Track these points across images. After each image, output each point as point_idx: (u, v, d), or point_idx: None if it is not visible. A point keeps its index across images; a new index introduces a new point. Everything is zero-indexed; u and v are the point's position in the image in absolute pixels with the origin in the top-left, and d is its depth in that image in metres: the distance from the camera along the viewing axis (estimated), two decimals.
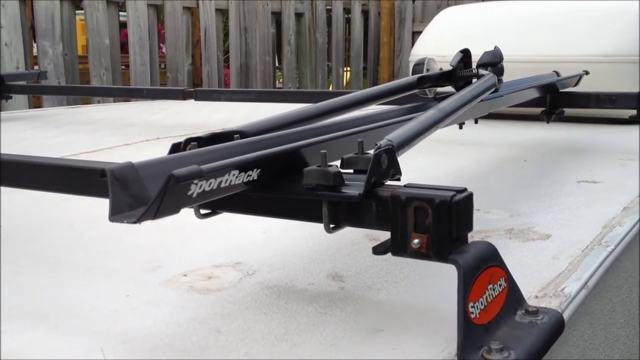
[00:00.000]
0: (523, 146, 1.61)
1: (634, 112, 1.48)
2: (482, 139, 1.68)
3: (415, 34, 5.58)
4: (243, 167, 0.57)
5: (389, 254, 0.58)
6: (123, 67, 3.94)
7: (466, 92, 0.89)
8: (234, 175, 0.56)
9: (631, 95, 1.45)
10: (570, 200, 1.03)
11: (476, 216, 0.95)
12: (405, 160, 0.66)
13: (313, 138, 0.69)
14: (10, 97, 2.28)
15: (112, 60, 3.77)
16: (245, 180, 0.57)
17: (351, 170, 0.64)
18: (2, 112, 2.52)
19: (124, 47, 4.01)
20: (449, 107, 0.79)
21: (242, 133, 0.71)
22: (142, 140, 1.70)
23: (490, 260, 0.57)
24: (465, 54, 1.09)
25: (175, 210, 0.51)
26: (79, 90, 2.60)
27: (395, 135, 0.66)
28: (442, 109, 0.78)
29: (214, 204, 0.66)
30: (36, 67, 3.56)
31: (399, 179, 0.64)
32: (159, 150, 0.58)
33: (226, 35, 4.81)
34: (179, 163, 0.57)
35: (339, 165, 0.64)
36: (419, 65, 1.08)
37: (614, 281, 0.79)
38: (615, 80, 1.81)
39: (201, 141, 0.68)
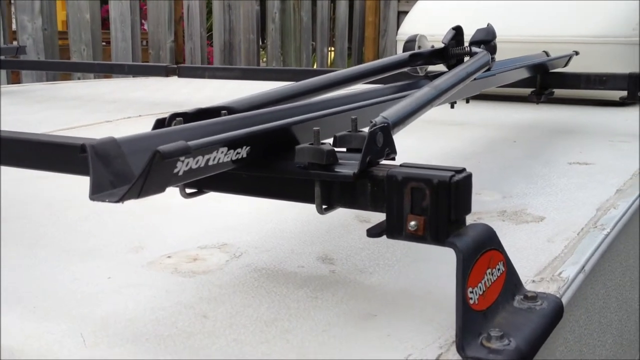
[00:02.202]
0: (513, 127, 1.59)
1: (624, 93, 1.46)
2: (471, 120, 1.65)
3: (401, 14, 5.53)
4: (232, 144, 0.54)
5: (383, 237, 0.56)
6: (104, 43, 3.86)
7: (460, 69, 0.86)
8: (222, 152, 0.53)
9: (621, 76, 1.43)
10: (562, 182, 1.01)
11: None
12: (394, 140, 0.63)
13: (304, 115, 0.66)
14: None
15: (92, 36, 3.69)
16: (234, 158, 0.54)
17: (344, 149, 0.61)
18: None
19: (104, 22, 3.93)
20: (444, 85, 0.77)
21: (229, 109, 0.68)
22: (124, 118, 1.66)
23: (488, 244, 0.55)
24: (458, 31, 1.06)
25: (160, 188, 0.49)
26: (60, 66, 2.54)
27: (390, 112, 0.63)
28: (437, 86, 0.75)
29: (200, 183, 0.63)
30: (15, 42, 3.48)
31: (393, 158, 0.61)
32: (141, 128, 0.55)
33: (210, 11, 4.73)
34: (164, 139, 0.54)
35: (331, 144, 0.61)
36: (411, 42, 1.05)
37: (608, 264, 0.78)
38: (606, 61, 1.80)
39: (187, 117, 0.64)
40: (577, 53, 1.58)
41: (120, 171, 0.49)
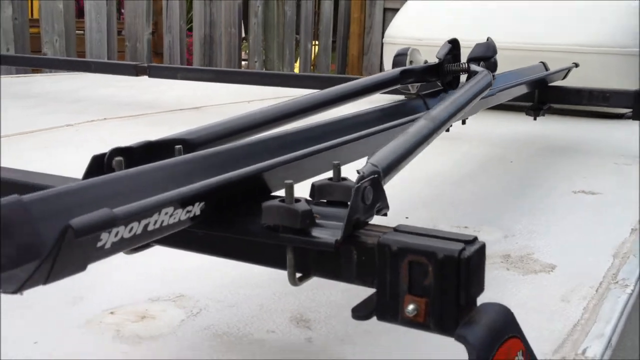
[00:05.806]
0: (508, 142, 1.48)
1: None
2: (464, 132, 1.54)
3: (387, 11, 5.42)
4: (180, 202, 0.42)
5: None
6: (81, 32, 3.68)
7: (460, 94, 0.74)
8: (166, 214, 0.41)
9: (626, 93, 1.32)
10: (569, 218, 0.90)
11: None
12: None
13: (274, 155, 0.54)
14: None
15: (65, 27, 3.53)
16: (183, 217, 0.43)
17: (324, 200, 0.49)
18: None
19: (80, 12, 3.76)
20: (443, 116, 0.65)
21: (185, 142, 0.56)
22: (87, 121, 1.53)
23: (506, 331, 0.43)
24: (454, 45, 0.94)
25: (79, 268, 0.37)
26: (23, 61, 2.39)
27: (380, 157, 0.51)
28: (435, 118, 0.63)
29: None
30: None
31: (386, 214, 0.50)
32: (104, 134, 0.43)
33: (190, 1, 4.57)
34: (90, 194, 0.42)
35: (309, 192, 0.50)
36: (401, 56, 0.93)
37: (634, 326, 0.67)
38: (604, 72, 1.69)
39: (132, 153, 0.52)
40: (577, 65, 1.47)
41: (27, 243, 0.37)
